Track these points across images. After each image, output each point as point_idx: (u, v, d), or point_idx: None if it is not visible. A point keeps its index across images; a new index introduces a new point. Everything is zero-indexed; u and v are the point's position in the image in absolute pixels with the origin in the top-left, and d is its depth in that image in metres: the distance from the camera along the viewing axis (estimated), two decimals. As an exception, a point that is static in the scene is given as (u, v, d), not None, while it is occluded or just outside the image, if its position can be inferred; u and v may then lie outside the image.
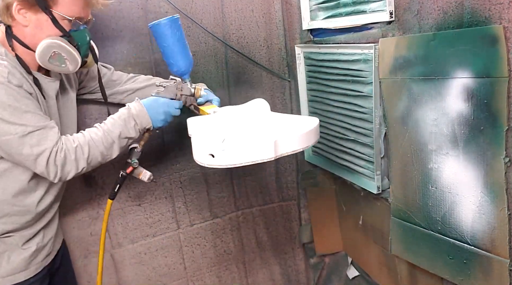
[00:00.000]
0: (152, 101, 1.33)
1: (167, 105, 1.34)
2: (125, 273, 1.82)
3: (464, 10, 1.07)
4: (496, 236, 1.09)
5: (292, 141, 1.13)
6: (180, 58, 1.43)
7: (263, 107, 1.39)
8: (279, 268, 2.14)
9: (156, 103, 1.33)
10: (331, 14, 1.60)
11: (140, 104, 1.30)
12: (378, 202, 1.57)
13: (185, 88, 1.40)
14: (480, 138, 1.07)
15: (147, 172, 1.45)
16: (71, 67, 1.20)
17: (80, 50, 1.21)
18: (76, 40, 1.20)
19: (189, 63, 1.45)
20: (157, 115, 1.32)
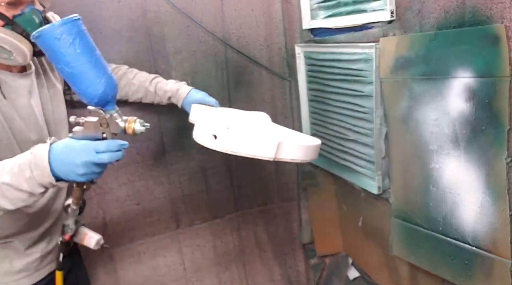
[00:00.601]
0: (63, 147, 0.95)
1: (85, 152, 0.94)
2: (124, 272, 1.81)
3: (466, 9, 1.06)
4: (497, 236, 1.08)
5: (294, 150, 1.14)
6: (90, 83, 0.96)
7: (265, 119, 1.39)
8: (279, 268, 2.13)
9: (69, 151, 0.94)
10: (331, 13, 1.59)
11: (45, 149, 0.94)
12: (379, 203, 1.57)
13: (112, 124, 1.01)
14: (482, 138, 1.07)
15: (94, 236, 1.13)
16: (20, 59, 1.04)
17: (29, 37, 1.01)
18: (22, 26, 1.03)
19: (108, 86, 0.98)
20: (70, 166, 0.93)
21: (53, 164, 0.93)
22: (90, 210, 1.70)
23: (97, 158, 0.94)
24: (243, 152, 1.08)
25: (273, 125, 1.32)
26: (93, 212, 1.71)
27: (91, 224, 1.70)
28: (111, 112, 1.01)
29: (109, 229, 1.74)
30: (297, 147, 1.14)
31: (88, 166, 0.94)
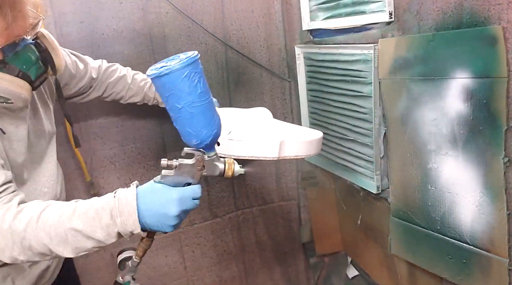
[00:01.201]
0: (154, 193, 0.87)
1: (181, 200, 0.86)
2: (125, 272, 1.82)
3: (463, 11, 1.07)
4: (495, 235, 1.09)
5: (297, 146, 1.14)
6: (204, 125, 0.89)
7: (266, 115, 1.39)
8: (279, 267, 2.14)
9: (163, 198, 0.86)
10: (331, 15, 1.60)
11: (132, 195, 0.85)
12: (378, 202, 1.57)
13: (209, 166, 0.92)
14: (479, 139, 1.07)
15: None
16: (20, 104, 0.95)
17: (28, 75, 0.95)
18: (16, 66, 0.93)
19: (219, 127, 0.92)
20: (162, 218, 0.85)
21: (141, 212, 0.84)
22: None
23: (193, 205, 0.89)
24: (247, 155, 1.08)
25: (274, 122, 1.32)
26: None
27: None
28: (211, 154, 0.93)
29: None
30: (300, 143, 1.14)
31: (182, 215, 0.88)
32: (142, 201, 0.85)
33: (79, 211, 0.85)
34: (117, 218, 0.84)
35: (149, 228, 0.87)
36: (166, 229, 0.87)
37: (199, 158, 0.91)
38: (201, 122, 0.89)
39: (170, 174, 0.90)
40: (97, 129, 1.64)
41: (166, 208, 0.85)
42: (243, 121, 1.27)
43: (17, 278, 1.11)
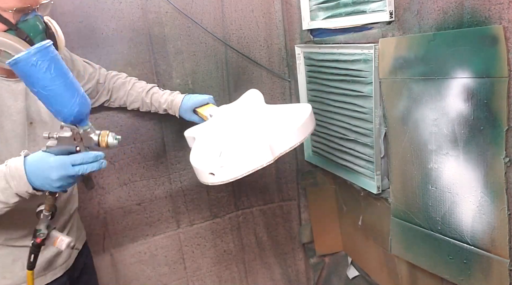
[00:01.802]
0: (40, 160, 1.00)
1: (61, 167, 0.99)
2: (125, 272, 1.82)
3: (464, 10, 1.07)
4: (496, 236, 1.09)
5: (288, 138, 1.12)
6: (63, 104, 1.00)
7: (257, 99, 1.37)
8: (279, 268, 2.14)
9: (44, 164, 0.99)
10: (331, 14, 1.60)
11: (20, 162, 0.99)
12: (378, 202, 1.57)
13: (85, 139, 1.05)
14: (480, 138, 1.07)
15: (65, 239, 1.14)
16: None
17: (33, 42, 1.06)
18: (26, 31, 1.05)
19: (82, 106, 1.03)
20: (46, 180, 0.99)
21: (29, 175, 0.98)
22: (91, 210, 1.71)
23: (74, 170, 0.99)
24: (244, 172, 1.08)
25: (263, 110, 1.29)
26: (94, 212, 1.71)
27: (92, 224, 1.71)
28: (85, 128, 1.05)
29: (110, 229, 1.75)
30: (290, 134, 1.12)
31: (64, 179, 0.99)
32: (28, 167, 0.99)
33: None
34: (11, 181, 0.98)
35: (39, 188, 1.00)
36: (53, 189, 1.01)
37: (74, 131, 1.04)
38: (59, 102, 0.99)
39: (54, 145, 1.03)
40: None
41: (46, 172, 0.98)
42: (232, 132, 1.25)
43: (25, 262, 1.15)
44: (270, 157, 1.08)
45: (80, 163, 1.00)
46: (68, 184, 1.01)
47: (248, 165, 1.08)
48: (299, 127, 1.14)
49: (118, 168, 1.71)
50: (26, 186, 0.98)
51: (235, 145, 1.15)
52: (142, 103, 1.55)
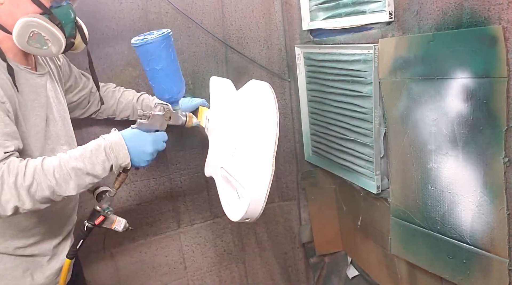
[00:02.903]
0: (135, 135, 1.12)
1: (155, 142, 1.14)
2: (125, 272, 1.82)
3: (464, 11, 1.07)
4: (495, 235, 1.09)
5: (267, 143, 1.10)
6: (175, 83, 1.22)
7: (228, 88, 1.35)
8: (279, 267, 2.14)
9: (141, 139, 1.12)
10: (331, 15, 1.60)
11: (118, 136, 1.09)
12: (378, 202, 1.58)
13: (174, 117, 1.22)
14: (480, 139, 1.08)
15: (122, 219, 1.24)
16: (54, 49, 1.06)
17: (64, 29, 1.07)
18: (58, 17, 1.05)
19: (179, 89, 1.24)
20: (142, 154, 1.11)
21: (128, 146, 1.09)
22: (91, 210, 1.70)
23: (162, 146, 1.17)
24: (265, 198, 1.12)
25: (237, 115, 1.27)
26: (95, 212, 1.71)
27: (92, 223, 1.71)
28: (176, 108, 1.26)
29: (110, 229, 1.75)
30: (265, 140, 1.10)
31: (154, 153, 1.15)
32: (127, 141, 1.09)
33: (74, 155, 1.04)
34: (111, 153, 1.06)
35: (131, 162, 1.11)
36: (143, 163, 1.13)
37: (168, 110, 1.20)
38: (172, 81, 1.21)
39: (145, 122, 1.16)
40: (97, 129, 1.64)
41: (144, 146, 1.12)
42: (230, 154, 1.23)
43: (35, 273, 1.18)
44: (270, 167, 1.09)
45: (164, 140, 1.18)
46: (152, 158, 1.15)
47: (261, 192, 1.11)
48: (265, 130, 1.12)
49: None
50: (125, 157, 1.08)
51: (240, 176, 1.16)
52: (133, 110, 1.53)
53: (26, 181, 0.96)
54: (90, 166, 1.03)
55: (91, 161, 1.04)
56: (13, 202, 0.96)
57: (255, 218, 1.15)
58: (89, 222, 1.21)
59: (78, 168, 1.02)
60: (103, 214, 1.20)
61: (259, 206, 1.12)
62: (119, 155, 1.07)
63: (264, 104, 1.15)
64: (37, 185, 0.97)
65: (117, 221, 1.24)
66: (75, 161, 1.02)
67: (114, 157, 1.07)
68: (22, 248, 1.16)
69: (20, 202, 0.96)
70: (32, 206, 0.98)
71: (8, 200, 0.95)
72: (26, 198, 0.96)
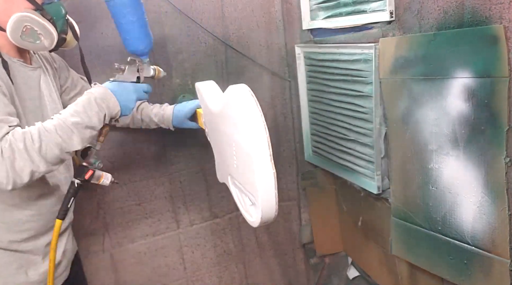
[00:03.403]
0: (118, 85, 1.19)
1: (136, 90, 1.22)
2: (124, 273, 1.81)
3: (465, 10, 1.06)
4: (496, 236, 1.09)
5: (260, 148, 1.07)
6: (146, 34, 1.26)
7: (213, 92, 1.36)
8: (279, 268, 2.14)
9: (125, 88, 1.19)
10: (331, 14, 1.60)
11: (103, 88, 1.15)
12: (379, 202, 1.57)
13: (146, 70, 1.30)
14: (481, 139, 1.07)
15: (108, 174, 1.24)
16: (46, 43, 1.10)
17: (56, 25, 1.12)
18: (49, 13, 1.10)
19: (150, 41, 1.28)
20: (127, 101, 1.18)
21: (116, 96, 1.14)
22: (91, 210, 1.70)
23: (143, 95, 1.24)
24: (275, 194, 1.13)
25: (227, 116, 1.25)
26: (94, 212, 1.71)
27: (92, 224, 1.71)
28: (145, 61, 1.29)
29: (109, 229, 1.74)
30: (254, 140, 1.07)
31: (135, 100, 1.21)
32: (112, 90, 1.15)
33: (70, 112, 1.07)
34: (102, 104, 1.11)
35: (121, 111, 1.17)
36: (128, 111, 1.19)
37: (139, 61, 1.27)
38: (145, 32, 1.26)
39: (120, 75, 1.23)
40: None
41: (128, 94, 1.19)
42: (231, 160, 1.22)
43: (30, 270, 1.18)
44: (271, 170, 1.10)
45: (146, 91, 1.25)
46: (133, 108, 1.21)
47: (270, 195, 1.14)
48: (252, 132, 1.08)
49: (118, 168, 1.71)
50: (115, 105, 1.14)
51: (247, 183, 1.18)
52: (133, 119, 1.54)
53: (35, 144, 0.98)
54: (87, 119, 1.08)
55: (86, 114, 1.08)
56: (28, 166, 0.98)
57: (273, 219, 1.19)
58: (78, 178, 1.19)
59: (77, 122, 1.06)
60: (92, 167, 1.20)
61: (272, 209, 1.15)
62: (109, 104, 1.13)
63: (247, 111, 1.12)
64: (46, 145, 1.00)
65: (104, 176, 1.22)
66: (72, 117, 1.06)
67: (106, 107, 1.12)
68: (17, 243, 1.16)
69: (35, 166, 0.99)
70: (46, 168, 1.01)
71: (22, 166, 0.97)
72: (39, 160, 0.99)
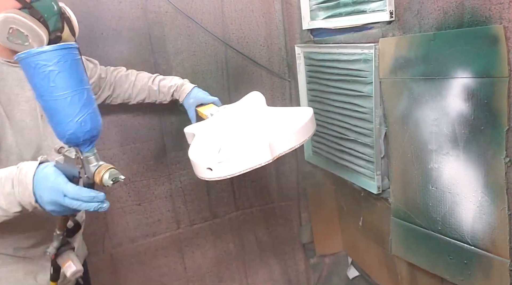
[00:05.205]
0: (44, 175, 0.87)
1: (54, 192, 0.85)
2: (124, 273, 1.81)
3: (465, 10, 1.06)
4: (496, 236, 1.09)
5: (288, 139, 1.11)
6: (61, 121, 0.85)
7: (259, 101, 1.36)
8: (279, 268, 2.14)
9: (45, 182, 0.86)
10: (331, 14, 1.60)
11: (31, 170, 0.87)
12: (378, 202, 1.57)
13: (86, 167, 0.90)
14: (480, 138, 1.07)
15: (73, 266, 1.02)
16: (35, 45, 1.02)
17: (47, 24, 1.03)
18: (40, 11, 1.02)
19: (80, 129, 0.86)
20: (43, 201, 0.87)
21: (35, 186, 0.86)
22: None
23: (64, 201, 0.85)
24: (242, 170, 1.07)
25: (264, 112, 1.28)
26: (94, 213, 1.70)
27: (92, 224, 1.71)
28: (86, 154, 0.89)
29: (110, 229, 1.75)
30: (290, 135, 1.11)
31: (55, 205, 0.86)
32: (36, 176, 0.86)
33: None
34: (16, 187, 0.86)
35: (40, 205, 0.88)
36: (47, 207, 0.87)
37: (77, 155, 0.90)
38: (55, 118, 0.85)
39: (60, 162, 0.89)
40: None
41: (42, 191, 0.86)
42: (231, 130, 1.24)
43: (38, 275, 1.15)
44: (269, 156, 1.08)
45: (72, 197, 0.85)
46: (63, 211, 0.88)
47: (247, 162, 1.07)
48: (300, 129, 1.13)
49: (118, 168, 1.71)
50: (29, 197, 0.86)
51: (234, 142, 1.15)
52: (149, 92, 1.51)
53: None
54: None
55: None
56: None
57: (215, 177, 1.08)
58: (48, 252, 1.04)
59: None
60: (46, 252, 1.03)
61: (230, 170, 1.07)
62: (25, 191, 0.86)
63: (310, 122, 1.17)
64: None
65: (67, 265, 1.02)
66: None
67: (19, 192, 0.87)
68: (23, 249, 1.13)
69: None
70: None
71: None
72: None
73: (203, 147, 1.18)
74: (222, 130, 1.26)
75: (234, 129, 1.25)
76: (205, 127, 1.31)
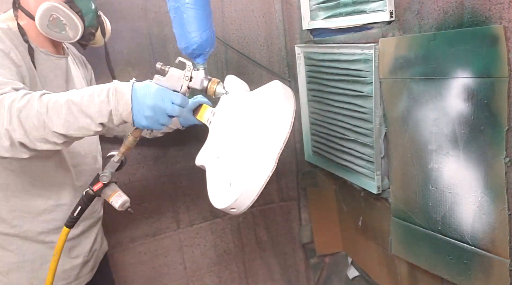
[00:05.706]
0: (144, 85, 0.95)
1: (161, 97, 0.93)
2: (124, 273, 1.82)
3: (464, 10, 1.07)
4: (496, 236, 1.09)
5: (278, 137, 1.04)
6: (197, 28, 0.99)
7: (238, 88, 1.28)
8: (279, 268, 2.14)
9: (146, 91, 0.93)
10: (331, 14, 1.60)
11: (128, 84, 0.95)
12: (378, 202, 1.57)
13: (196, 79, 1.00)
14: (480, 138, 1.07)
15: (122, 196, 1.06)
16: (71, 34, 1.11)
17: (84, 19, 1.13)
18: (78, 6, 1.12)
19: (209, 39, 1.01)
20: (140, 106, 0.92)
21: (134, 93, 0.92)
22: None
23: (170, 107, 0.94)
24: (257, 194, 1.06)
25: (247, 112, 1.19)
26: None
27: (92, 223, 1.71)
28: (200, 67, 1.03)
29: (110, 229, 1.74)
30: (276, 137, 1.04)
31: (155, 111, 0.93)
32: (134, 88, 0.94)
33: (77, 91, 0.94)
34: (112, 95, 0.92)
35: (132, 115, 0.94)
36: (143, 121, 0.94)
37: (189, 68, 1.00)
38: (192, 25, 0.99)
39: (161, 78, 0.99)
40: None
41: (144, 97, 0.93)
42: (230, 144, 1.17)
43: None
44: (273, 163, 1.07)
45: (179, 104, 0.96)
46: (156, 121, 0.94)
47: (257, 185, 1.07)
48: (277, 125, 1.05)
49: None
50: (125, 104, 0.92)
51: (238, 167, 1.12)
52: None
53: (19, 103, 0.88)
54: (86, 103, 0.90)
55: (90, 98, 0.91)
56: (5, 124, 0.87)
57: (242, 210, 1.08)
58: (89, 187, 1.06)
59: (73, 101, 0.90)
60: (99, 179, 1.05)
61: (250, 198, 1.08)
62: (121, 100, 0.92)
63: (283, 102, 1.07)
64: (27, 110, 0.87)
65: (116, 195, 1.05)
66: (75, 94, 0.92)
67: (115, 101, 0.91)
68: (44, 233, 1.16)
69: (11, 126, 0.87)
70: (25, 137, 0.88)
71: (1, 122, 0.87)
72: (16, 122, 0.87)
73: (216, 185, 1.18)
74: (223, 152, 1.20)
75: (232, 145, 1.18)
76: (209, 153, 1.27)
